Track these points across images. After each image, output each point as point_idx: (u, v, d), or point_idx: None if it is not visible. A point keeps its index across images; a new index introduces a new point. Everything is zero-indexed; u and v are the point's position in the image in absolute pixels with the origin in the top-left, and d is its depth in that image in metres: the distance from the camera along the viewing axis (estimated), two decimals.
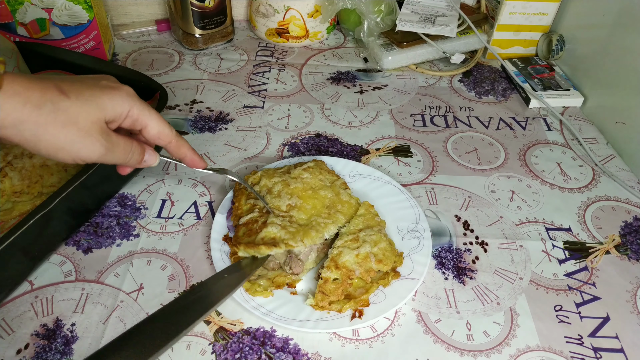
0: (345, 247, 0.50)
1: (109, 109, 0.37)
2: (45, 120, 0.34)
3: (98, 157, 0.38)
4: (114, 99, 0.38)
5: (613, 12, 0.72)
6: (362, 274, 0.48)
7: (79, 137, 0.36)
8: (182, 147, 0.44)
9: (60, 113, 0.34)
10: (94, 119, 0.36)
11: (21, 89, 0.33)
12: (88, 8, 0.74)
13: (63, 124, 0.35)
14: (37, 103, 0.33)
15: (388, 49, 0.83)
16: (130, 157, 0.41)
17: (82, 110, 0.35)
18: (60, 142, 0.35)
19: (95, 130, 0.36)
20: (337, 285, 0.48)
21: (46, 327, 0.46)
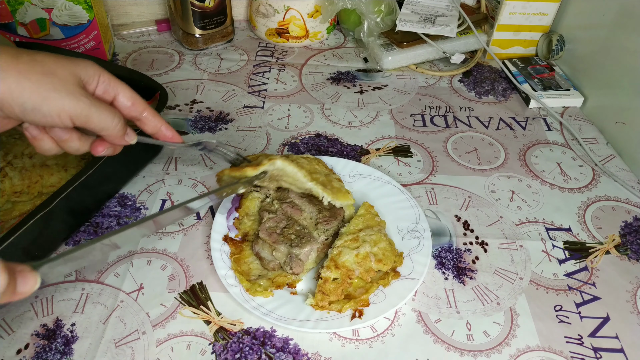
0: (345, 247, 0.50)
1: (82, 68, 0.38)
2: (25, 68, 0.34)
3: (83, 111, 0.37)
4: (86, 63, 0.39)
5: (613, 12, 0.72)
6: (361, 273, 0.48)
7: (61, 85, 0.36)
8: (156, 116, 0.44)
9: (37, 64, 0.35)
10: (71, 72, 0.37)
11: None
12: (88, 8, 0.74)
13: (43, 73, 0.35)
14: (13, 54, 0.34)
15: (388, 49, 0.83)
16: (116, 123, 0.40)
17: (58, 64, 0.36)
18: (43, 90, 0.35)
19: (75, 83, 0.37)
20: (337, 285, 0.48)
21: (46, 327, 0.46)
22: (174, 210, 0.43)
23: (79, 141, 0.41)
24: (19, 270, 0.29)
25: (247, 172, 0.48)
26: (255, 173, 0.48)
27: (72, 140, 0.40)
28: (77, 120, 0.37)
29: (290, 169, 0.50)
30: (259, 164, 0.48)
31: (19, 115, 0.36)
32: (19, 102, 0.35)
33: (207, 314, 0.48)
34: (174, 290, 0.50)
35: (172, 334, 0.46)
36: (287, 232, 0.52)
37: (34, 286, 0.30)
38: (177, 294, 0.50)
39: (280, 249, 0.50)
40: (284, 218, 0.53)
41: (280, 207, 0.54)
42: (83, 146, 0.42)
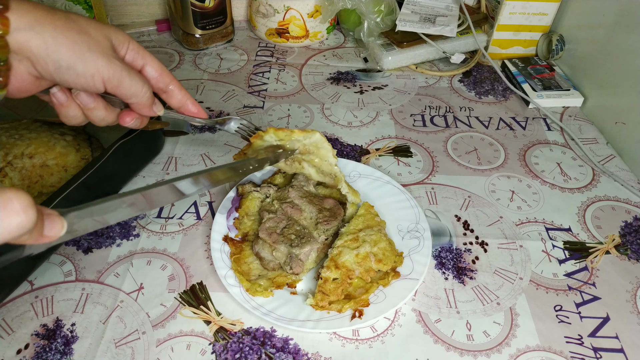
0: (345, 246, 0.50)
1: (113, 32, 0.38)
2: (61, 24, 0.34)
3: (116, 74, 0.37)
4: (117, 30, 0.39)
5: (613, 12, 0.72)
6: (361, 273, 0.48)
7: (96, 46, 0.35)
8: (182, 90, 0.44)
9: (72, 22, 0.35)
10: (104, 34, 0.37)
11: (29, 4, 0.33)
12: (88, 8, 0.74)
13: (78, 31, 0.35)
14: (49, 9, 0.34)
15: (388, 49, 0.83)
16: (145, 90, 0.40)
17: (91, 26, 0.36)
18: (78, 48, 0.35)
19: (108, 46, 0.37)
20: (337, 285, 0.48)
21: (46, 327, 0.46)
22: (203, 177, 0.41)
23: (104, 110, 0.41)
24: (47, 214, 0.29)
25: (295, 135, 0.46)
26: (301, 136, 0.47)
27: (98, 108, 0.40)
28: (109, 84, 0.37)
29: (327, 145, 0.49)
30: (304, 130, 0.47)
31: (52, 73, 0.35)
32: (55, 59, 0.34)
33: (207, 314, 0.48)
34: (174, 290, 0.50)
35: (172, 334, 0.46)
36: (287, 232, 0.52)
37: (60, 231, 0.30)
38: (177, 294, 0.50)
39: (280, 249, 0.50)
40: (284, 218, 0.54)
41: (280, 207, 0.54)
42: (109, 116, 0.41)
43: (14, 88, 0.35)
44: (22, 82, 0.35)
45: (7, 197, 0.25)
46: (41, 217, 0.28)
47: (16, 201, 0.26)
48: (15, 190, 0.26)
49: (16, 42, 0.33)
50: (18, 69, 0.35)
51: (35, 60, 0.34)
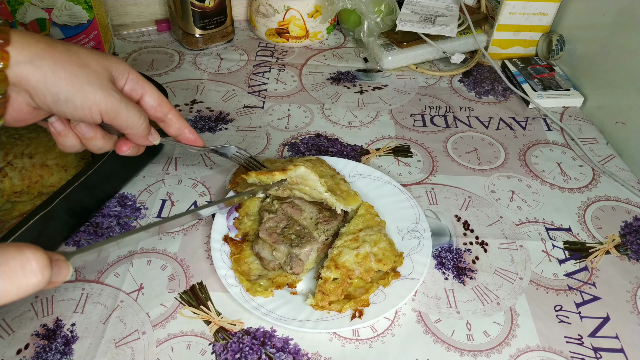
0: (345, 246, 0.50)
1: (113, 64, 0.38)
2: (61, 57, 0.34)
3: (114, 107, 0.37)
4: (118, 61, 0.39)
5: (613, 12, 0.72)
6: (361, 273, 0.48)
7: (95, 79, 0.36)
8: (180, 119, 0.44)
9: (73, 54, 0.35)
10: (103, 66, 0.37)
11: (30, 36, 0.34)
12: (88, 8, 0.74)
13: (78, 64, 0.35)
14: (49, 42, 0.34)
15: (388, 49, 0.83)
16: (142, 122, 0.40)
17: (92, 58, 0.36)
18: (78, 81, 0.35)
19: (107, 78, 0.37)
20: (337, 285, 0.48)
21: (46, 327, 0.46)
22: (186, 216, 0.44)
23: (102, 139, 0.41)
24: (55, 260, 0.30)
25: (275, 177, 0.50)
26: (282, 177, 0.50)
27: (96, 138, 0.40)
28: (106, 116, 0.37)
29: (313, 177, 0.51)
30: (285, 169, 0.49)
31: (50, 105, 0.35)
32: (53, 92, 0.34)
33: (207, 314, 0.48)
34: (174, 290, 0.50)
35: (172, 334, 0.46)
36: (287, 232, 0.52)
37: (66, 276, 0.31)
38: (177, 294, 0.50)
39: (280, 249, 0.50)
40: (284, 218, 0.54)
41: (280, 207, 0.54)
42: (106, 145, 0.42)
43: (11, 118, 0.36)
44: (19, 113, 0.36)
45: (25, 258, 0.26)
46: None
47: (34, 262, 0.27)
48: (34, 250, 0.27)
49: (15, 75, 0.33)
50: (16, 100, 0.35)
51: (34, 93, 0.34)
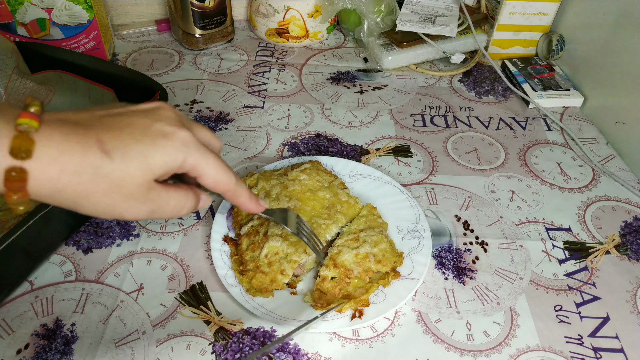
0: (344, 246, 0.50)
1: (159, 166, 0.32)
2: (84, 188, 0.29)
3: (143, 218, 0.34)
4: (167, 152, 0.32)
5: (613, 12, 0.72)
6: (360, 273, 0.48)
7: (123, 201, 0.31)
8: (239, 197, 0.38)
9: (101, 179, 0.30)
10: (140, 182, 0.31)
11: (57, 154, 0.28)
12: (88, 8, 0.74)
13: (105, 191, 0.30)
14: (75, 170, 0.29)
15: (388, 49, 0.83)
16: (182, 212, 0.35)
17: (127, 174, 0.30)
18: (101, 208, 0.31)
19: (141, 192, 0.32)
20: (335, 283, 0.48)
21: (46, 327, 0.46)
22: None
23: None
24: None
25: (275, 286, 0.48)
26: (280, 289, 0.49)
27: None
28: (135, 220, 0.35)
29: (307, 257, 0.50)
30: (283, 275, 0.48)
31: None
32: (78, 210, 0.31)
33: (207, 314, 0.48)
34: (174, 290, 0.50)
35: (172, 334, 0.46)
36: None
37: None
38: (177, 294, 0.50)
39: None
40: None
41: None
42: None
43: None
44: None
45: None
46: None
47: None
48: None
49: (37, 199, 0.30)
50: None
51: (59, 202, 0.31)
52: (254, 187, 0.56)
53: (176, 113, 0.35)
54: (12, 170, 0.27)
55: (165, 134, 0.32)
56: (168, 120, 0.33)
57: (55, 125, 0.29)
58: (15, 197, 0.28)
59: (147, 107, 0.34)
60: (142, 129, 0.32)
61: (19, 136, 0.27)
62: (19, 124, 0.27)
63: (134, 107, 0.34)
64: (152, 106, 0.34)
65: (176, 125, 0.33)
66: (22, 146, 0.27)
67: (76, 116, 0.31)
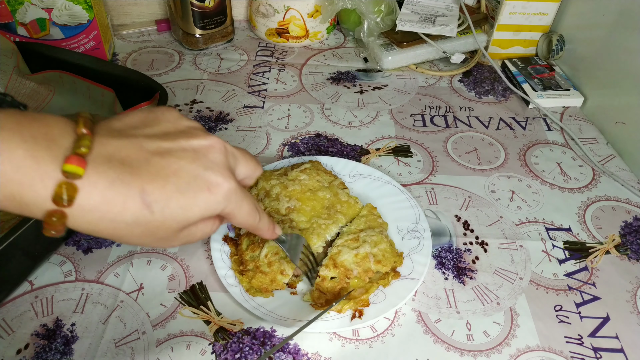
0: (344, 246, 0.50)
1: (197, 217, 0.32)
2: (120, 233, 0.30)
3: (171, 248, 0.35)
4: (207, 204, 0.32)
5: (613, 12, 0.72)
6: (360, 273, 0.48)
7: (154, 242, 0.32)
8: (258, 231, 0.40)
9: (138, 227, 0.30)
10: (175, 229, 0.32)
11: (100, 202, 0.28)
12: (88, 8, 0.74)
13: (139, 236, 0.31)
14: (114, 219, 0.29)
15: (388, 49, 0.83)
16: (207, 236, 0.37)
17: (164, 225, 0.31)
18: (132, 243, 0.32)
19: (174, 234, 0.32)
20: (335, 283, 0.48)
21: (46, 327, 0.46)
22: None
23: None
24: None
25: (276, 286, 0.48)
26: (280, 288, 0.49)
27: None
28: None
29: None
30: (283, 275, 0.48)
31: None
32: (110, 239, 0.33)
33: (207, 314, 0.48)
34: (174, 290, 0.50)
35: (172, 334, 0.46)
36: None
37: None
38: (177, 294, 0.50)
39: None
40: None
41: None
42: None
43: None
44: None
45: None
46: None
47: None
48: None
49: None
50: None
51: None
52: (254, 187, 0.56)
53: (226, 154, 0.34)
54: (52, 214, 0.27)
55: (210, 186, 0.32)
56: (217, 167, 0.32)
57: (102, 169, 0.28)
58: (53, 232, 0.28)
59: (199, 145, 0.33)
60: (188, 179, 0.31)
61: (64, 184, 0.27)
62: (66, 170, 0.26)
63: (185, 143, 0.32)
64: (204, 144, 0.33)
65: (223, 174, 0.32)
66: (66, 194, 0.27)
67: (125, 151, 0.30)
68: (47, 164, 0.26)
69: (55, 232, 0.28)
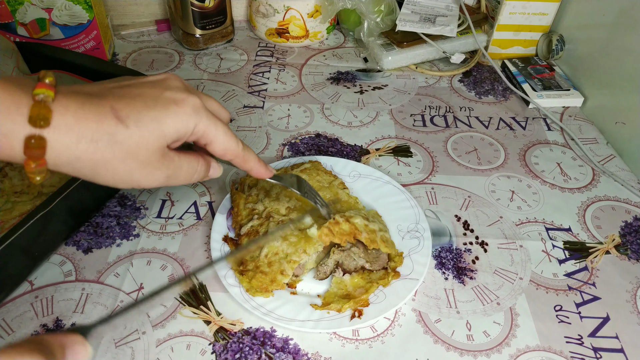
0: (356, 215, 0.50)
1: (172, 132, 0.33)
2: (102, 156, 0.30)
3: (159, 184, 0.35)
4: (178, 117, 0.33)
5: (613, 12, 0.72)
6: (366, 239, 0.48)
7: (139, 168, 0.33)
8: (248, 161, 0.40)
9: (118, 146, 0.31)
10: (155, 148, 0.32)
11: (73, 122, 0.29)
12: (88, 8, 0.74)
13: (122, 158, 0.31)
14: (92, 137, 0.30)
15: (388, 49, 0.83)
16: (194, 177, 0.37)
17: (142, 140, 0.32)
18: (119, 176, 0.32)
19: (156, 158, 0.33)
20: (343, 233, 0.48)
21: (46, 327, 0.46)
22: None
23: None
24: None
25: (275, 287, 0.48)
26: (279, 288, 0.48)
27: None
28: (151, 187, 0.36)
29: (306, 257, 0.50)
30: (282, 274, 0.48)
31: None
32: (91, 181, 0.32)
33: (207, 314, 0.48)
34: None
35: (172, 334, 0.46)
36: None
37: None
38: (177, 294, 0.50)
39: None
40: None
41: None
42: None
43: None
44: None
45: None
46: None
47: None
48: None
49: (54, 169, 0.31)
50: None
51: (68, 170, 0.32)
52: (253, 187, 0.56)
53: (183, 83, 0.36)
54: (31, 138, 0.28)
55: (176, 100, 0.33)
56: (177, 88, 0.35)
57: (71, 95, 0.30)
58: (33, 165, 0.29)
59: (155, 78, 0.35)
60: (154, 97, 0.33)
61: (37, 105, 0.28)
62: (37, 93, 0.28)
63: (142, 79, 0.35)
64: (160, 77, 0.36)
65: (185, 92, 0.34)
66: (40, 114, 0.28)
67: (88, 88, 0.32)
68: (20, 95, 0.28)
69: (35, 167, 0.29)
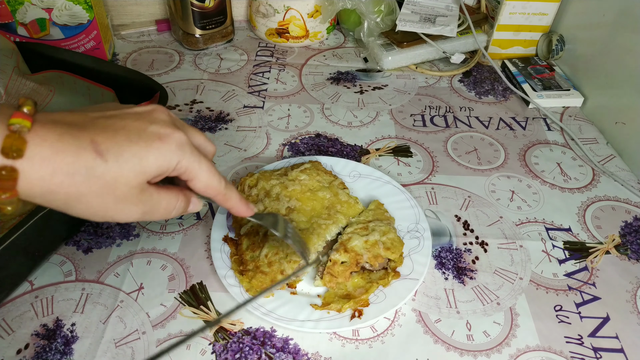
0: (354, 233, 0.50)
1: (153, 168, 0.31)
2: (77, 190, 0.29)
3: (135, 219, 0.33)
4: (161, 154, 0.31)
5: (613, 12, 0.72)
6: (370, 259, 0.49)
7: (115, 204, 0.31)
8: (229, 200, 0.38)
9: (95, 180, 0.29)
10: (134, 184, 0.31)
11: (50, 154, 0.28)
12: (88, 8, 0.74)
13: (98, 193, 0.30)
14: (68, 170, 0.28)
15: (388, 49, 0.83)
16: (172, 213, 0.35)
17: (121, 176, 0.30)
18: (93, 209, 0.31)
19: (134, 194, 0.31)
20: (345, 267, 0.48)
21: (46, 327, 0.46)
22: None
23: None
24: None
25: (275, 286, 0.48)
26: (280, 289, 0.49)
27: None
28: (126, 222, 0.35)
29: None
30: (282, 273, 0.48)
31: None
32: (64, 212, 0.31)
33: (207, 314, 0.48)
34: (174, 290, 0.50)
35: (172, 334, 0.46)
36: None
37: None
38: (177, 294, 0.50)
39: None
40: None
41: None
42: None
43: None
44: None
45: None
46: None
47: None
48: None
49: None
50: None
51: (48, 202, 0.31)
52: (254, 187, 0.56)
53: (170, 116, 0.35)
54: (2, 169, 0.27)
55: (161, 136, 0.32)
56: (163, 123, 0.33)
57: (49, 126, 0.29)
58: (4, 196, 0.28)
59: (141, 109, 0.34)
60: (138, 131, 0.31)
61: (11, 136, 0.27)
62: (11, 123, 0.27)
63: (127, 110, 0.33)
64: (146, 109, 0.34)
65: (171, 127, 0.33)
66: (14, 145, 0.27)
67: (70, 117, 0.30)
68: None
69: (6, 198, 0.28)
